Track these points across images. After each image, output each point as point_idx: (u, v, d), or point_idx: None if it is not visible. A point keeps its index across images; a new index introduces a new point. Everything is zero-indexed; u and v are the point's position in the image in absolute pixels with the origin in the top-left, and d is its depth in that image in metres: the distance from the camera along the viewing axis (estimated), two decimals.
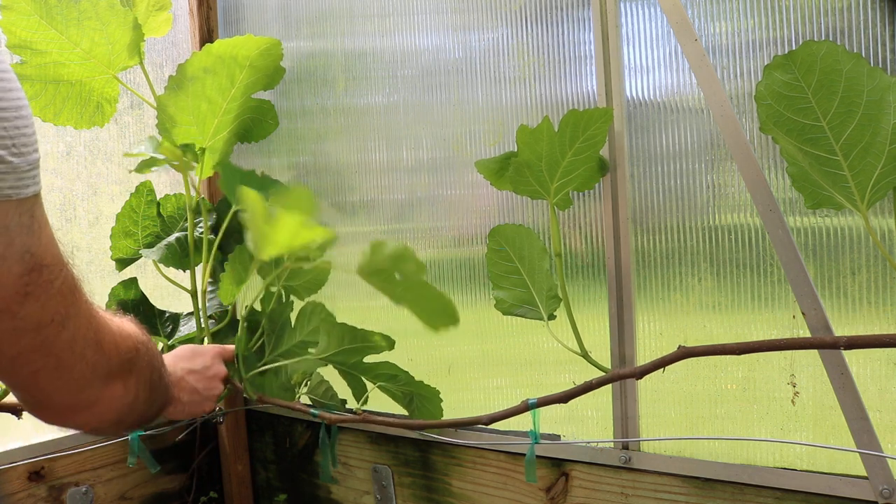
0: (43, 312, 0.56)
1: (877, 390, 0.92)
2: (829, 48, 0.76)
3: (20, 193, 0.51)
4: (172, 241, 1.38)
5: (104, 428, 0.71)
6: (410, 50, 1.35)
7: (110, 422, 0.70)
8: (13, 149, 0.50)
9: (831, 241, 0.94)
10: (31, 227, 0.53)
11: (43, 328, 0.57)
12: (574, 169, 1.02)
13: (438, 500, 1.36)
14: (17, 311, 0.54)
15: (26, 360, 0.58)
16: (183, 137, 1.28)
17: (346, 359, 1.26)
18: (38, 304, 0.55)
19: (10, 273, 0.52)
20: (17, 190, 0.51)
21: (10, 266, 0.52)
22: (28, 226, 0.53)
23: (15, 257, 0.52)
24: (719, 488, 1.03)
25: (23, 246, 0.52)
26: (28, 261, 0.53)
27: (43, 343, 0.57)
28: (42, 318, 0.56)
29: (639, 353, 1.10)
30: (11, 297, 0.53)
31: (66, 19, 1.17)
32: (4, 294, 0.53)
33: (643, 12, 1.06)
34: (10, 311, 0.54)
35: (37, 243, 0.54)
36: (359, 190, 1.45)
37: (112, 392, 0.67)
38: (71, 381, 0.62)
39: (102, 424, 0.70)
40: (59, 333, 0.58)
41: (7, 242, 0.51)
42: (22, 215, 0.52)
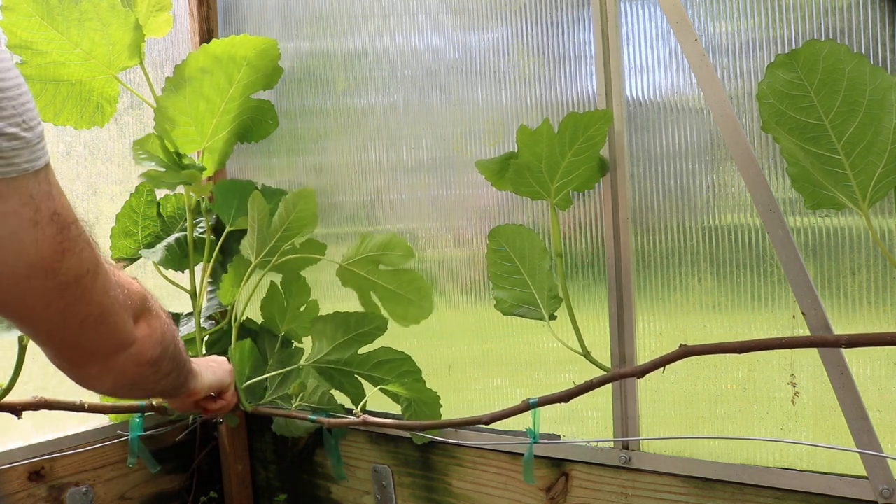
0: (79, 265, 0.61)
1: (877, 390, 0.92)
2: (831, 47, 0.76)
3: (35, 165, 0.55)
4: (172, 242, 1.37)
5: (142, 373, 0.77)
6: (410, 50, 1.35)
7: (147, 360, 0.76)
8: (24, 125, 0.53)
9: (831, 241, 0.94)
10: (50, 192, 0.57)
11: (81, 279, 0.62)
12: (574, 169, 1.02)
13: (438, 500, 1.36)
14: (59, 267, 0.59)
15: (73, 313, 0.63)
16: (182, 138, 1.28)
17: (341, 355, 1.26)
18: (74, 259, 0.60)
19: (45, 235, 0.57)
20: (32, 163, 0.54)
21: (43, 229, 0.57)
22: (48, 191, 0.57)
23: (46, 220, 0.57)
24: (719, 488, 1.03)
25: (49, 209, 0.57)
26: (57, 221, 0.58)
27: (84, 292, 0.63)
28: (79, 270, 0.62)
29: (639, 353, 1.10)
30: (52, 256, 0.58)
31: (67, 20, 1.17)
32: (46, 255, 0.58)
33: (643, 12, 1.06)
34: (53, 269, 0.59)
35: (59, 205, 0.58)
36: (359, 190, 1.45)
37: (142, 331, 0.74)
38: (114, 323, 0.68)
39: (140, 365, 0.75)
40: (95, 281, 0.64)
41: (35, 209, 0.56)
42: (41, 183, 0.56)
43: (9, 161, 0.52)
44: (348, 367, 1.28)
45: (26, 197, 0.55)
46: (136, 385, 0.79)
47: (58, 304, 0.62)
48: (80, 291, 0.63)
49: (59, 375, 0.73)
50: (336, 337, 1.25)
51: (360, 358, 1.26)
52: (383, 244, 1.22)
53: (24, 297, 0.60)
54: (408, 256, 1.22)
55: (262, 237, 1.25)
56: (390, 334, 1.27)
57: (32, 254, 0.57)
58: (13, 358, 1.14)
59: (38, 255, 0.57)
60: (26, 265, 0.57)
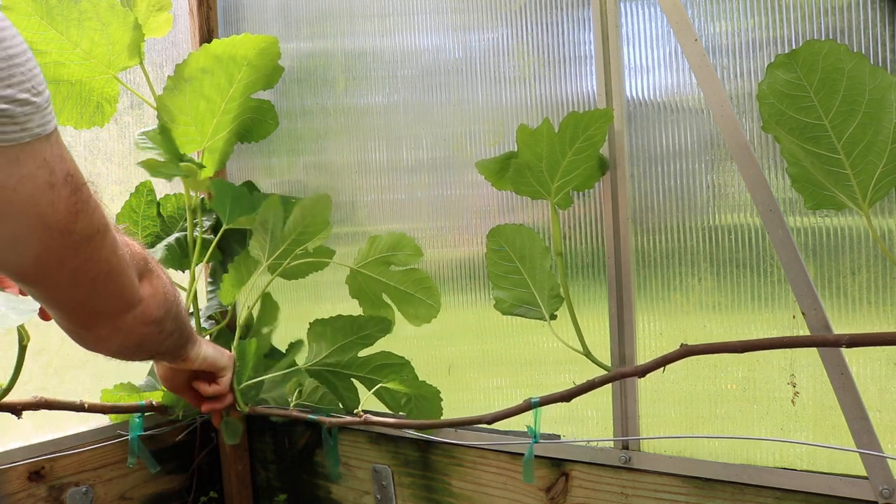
0: (91, 224, 0.63)
1: (877, 390, 0.92)
2: (831, 47, 0.76)
3: (46, 129, 0.56)
4: (172, 242, 1.37)
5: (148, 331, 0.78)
6: (410, 50, 1.35)
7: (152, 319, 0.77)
8: (33, 90, 0.54)
9: (831, 241, 0.94)
10: (62, 155, 0.59)
11: (92, 238, 0.64)
12: (574, 168, 1.02)
13: (438, 500, 1.36)
14: (74, 228, 0.61)
15: (84, 271, 0.65)
16: (182, 138, 1.28)
17: (341, 358, 1.26)
18: (87, 219, 0.62)
19: (61, 197, 0.59)
20: (43, 127, 0.56)
21: (59, 191, 0.58)
22: (60, 154, 0.59)
23: (60, 182, 0.58)
24: (719, 488, 1.03)
25: (62, 171, 0.59)
26: (71, 182, 0.60)
27: (95, 251, 0.65)
28: (91, 230, 0.63)
29: (639, 353, 1.10)
30: (67, 217, 0.60)
31: (67, 20, 1.17)
32: (62, 216, 0.59)
33: (643, 12, 1.06)
34: (68, 229, 0.61)
35: (71, 167, 0.60)
36: (359, 190, 1.45)
37: (146, 290, 0.76)
38: (122, 281, 0.70)
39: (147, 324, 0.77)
40: (104, 239, 0.66)
41: (50, 171, 0.57)
42: (52, 146, 0.58)
43: (23, 126, 0.54)
44: (346, 370, 1.28)
45: (41, 160, 0.56)
46: (141, 346, 0.81)
47: (72, 262, 0.64)
48: (92, 250, 0.65)
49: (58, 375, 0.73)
50: (336, 339, 1.25)
51: (360, 361, 1.26)
52: (393, 244, 1.23)
53: (39, 258, 0.61)
54: (417, 255, 1.23)
55: (274, 240, 1.25)
56: (389, 335, 1.27)
57: (49, 215, 0.58)
58: (13, 358, 1.14)
59: (55, 216, 0.59)
60: (43, 226, 0.59)
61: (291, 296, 1.56)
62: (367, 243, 1.26)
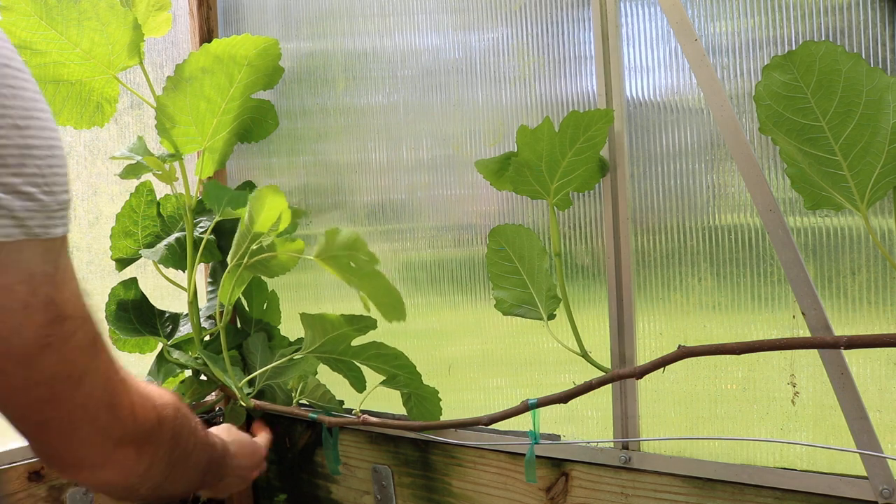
0: (59, 366, 0.55)
1: (877, 390, 0.92)
2: (827, 48, 0.76)
3: (48, 233, 0.51)
4: (172, 242, 1.37)
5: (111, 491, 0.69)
6: (410, 50, 1.35)
7: (118, 487, 0.68)
8: (44, 187, 0.50)
9: (831, 241, 0.93)
10: (54, 277, 0.52)
11: (57, 381, 0.55)
12: (574, 169, 1.02)
13: (438, 500, 1.36)
14: (34, 362, 0.53)
15: (37, 411, 0.57)
16: (182, 138, 1.28)
17: (335, 346, 1.26)
18: (55, 357, 0.54)
19: (32, 322, 0.51)
20: (45, 229, 0.50)
21: (32, 314, 0.51)
22: (52, 275, 0.52)
23: (38, 306, 0.51)
24: (719, 488, 1.03)
25: (46, 296, 0.52)
26: (51, 311, 0.52)
27: (55, 396, 0.56)
28: (58, 372, 0.55)
29: (639, 353, 1.10)
30: (30, 346, 0.52)
31: (66, 20, 1.17)
32: (24, 343, 0.52)
33: (643, 12, 1.06)
34: (27, 361, 0.53)
35: (60, 294, 0.53)
36: (359, 190, 1.45)
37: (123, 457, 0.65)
38: (78, 439, 0.61)
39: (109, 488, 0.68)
40: (74, 390, 0.57)
41: (31, 291, 0.51)
42: (47, 263, 0.52)
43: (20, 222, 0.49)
44: (344, 357, 1.27)
45: (25, 275, 0.50)
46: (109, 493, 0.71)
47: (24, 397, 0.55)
48: (51, 394, 0.56)
49: None
50: (327, 330, 1.25)
51: (354, 349, 1.26)
52: (348, 244, 1.16)
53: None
54: (373, 262, 1.16)
55: (238, 239, 1.23)
56: (390, 332, 1.27)
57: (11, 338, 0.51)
58: None
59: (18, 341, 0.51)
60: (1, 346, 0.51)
61: (292, 296, 1.56)
62: (324, 237, 1.17)
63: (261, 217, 1.16)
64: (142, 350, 1.43)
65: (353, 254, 1.13)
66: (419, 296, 1.36)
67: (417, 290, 1.37)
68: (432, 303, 1.35)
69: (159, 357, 1.43)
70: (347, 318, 1.22)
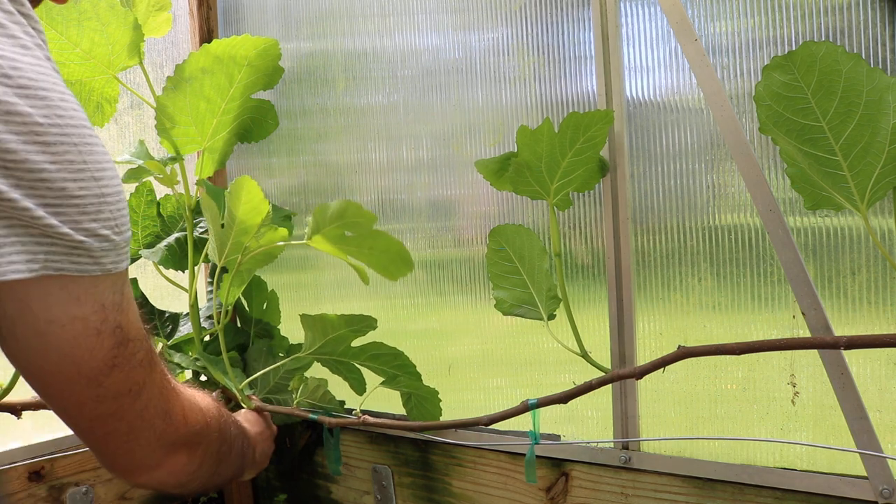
0: (124, 383, 0.62)
1: (877, 390, 0.92)
2: (828, 48, 0.76)
3: (118, 267, 0.58)
4: (172, 242, 1.37)
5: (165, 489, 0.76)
6: (410, 50, 1.35)
7: (171, 485, 0.75)
8: (115, 228, 0.56)
9: (831, 241, 0.94)
10: (121, 304, 0.59)
11: (121, 396, 0.63)
12: (574, 170, 1.02)
13: (438, 500, 1.36)
14: (104, 380, 0.60)
15: (102, 424, 0.64)
16: (182, 138, 1.28)
17: (335, 348, 1.26)
18: (122, 375, 0.61)
19: (102, 346, 0.58)
20: (116, 264, 0.58)
21: (103, 340, 0.58)
22: (119, 303, 0.59)
23: (108, 332, 0.58)
24: (719, 488, 1.03)
25: (115, 322, 0.59)
26: (118, 335, 0.59)
27: (119, 409, 0.63)
28: (122, 388, 0.62)
29: (639, 353, 1.10)
30: (101, 368, 0.59)
31: (66, 20, 1.17)
32: (95, 365, 0.59)
33: (643, 12, 1.06)
34: (97, 380, 0.60)
35: (126, 319, 0.60)
36: (359, 190, 1.45)
37: (176, 460, 0.73)
38: (137, 445, 0.68)
39: (163, 486, 0.75)
40: (134, 402, 0.64)
41: (103, 318, 0.58)
42: (115, 293, 0.58)
43: (96, 260, 0.55)
44: (343, 358, 1.27)
45: (98, 305, 0.57)
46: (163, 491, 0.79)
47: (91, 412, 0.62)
48: (116, 407, 0.63)
49: None
50: (327, 332, 1.25)
51: (354, 350, 1.26)
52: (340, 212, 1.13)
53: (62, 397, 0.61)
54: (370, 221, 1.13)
55: (219, 239, 1.21)
56: (389, 333, 1.27)
57: (85, 361, 0.58)
58: None
59: (90, 363, 0.58)
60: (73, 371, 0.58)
61: (292, 296, 1.56)
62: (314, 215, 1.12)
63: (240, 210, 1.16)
64: None
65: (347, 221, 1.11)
66: (419, 296, 1.36)
67: (417, 290, 1.37)
68: (432, 303, 1.35)
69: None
70: (347, 319, 1.22)
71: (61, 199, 0.52)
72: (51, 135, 0.51)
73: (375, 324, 1.22)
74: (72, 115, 0.53)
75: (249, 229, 1.17)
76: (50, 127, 0.51)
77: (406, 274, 1.14)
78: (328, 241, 1.14)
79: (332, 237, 1.13)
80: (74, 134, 0.53)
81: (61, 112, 0.52)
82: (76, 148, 0.53)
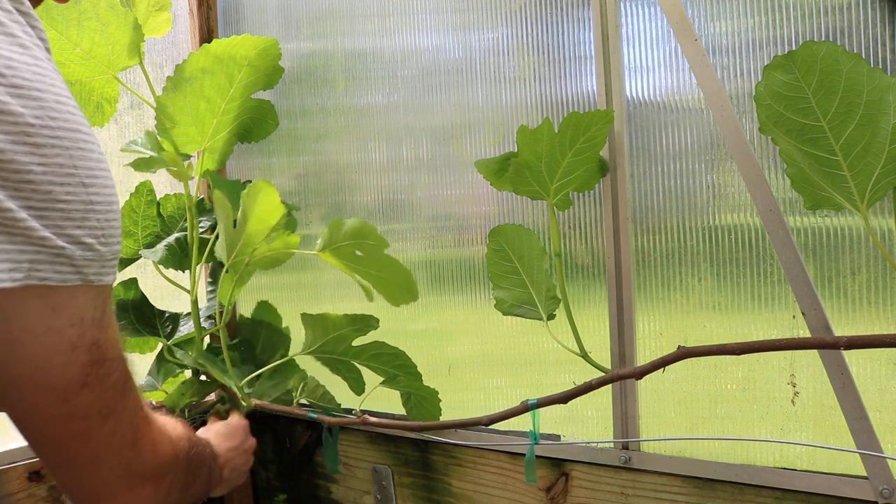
0: (94, 403, 0.59)
1: (877, 390, 0.92)
2: (828, 48, 0.76)
3: (101, 280, 0.56)
4: (172, 242, 1.37)
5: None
6: (410, 50, 1.35)
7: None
8: (102, 239, 0.55)
9: (831, 241, 0.93)
10: (101, 321, 0.57)
11: (90, 417, 0.59)
12: (574, 170, 1.02)
13: (438, 500, 1.36)
14: (73, 398, 0.57)
15: (68, 445, 0.60)
16: (182, 138, 1.28)
17: (336, 347, 1.26)
18: (93, 395, 0.58)
19: (76, 362, 0.56)
20: (99, 276, 0.55)
21: (78, 355, 0.56)
22: (98, 319, 0.57)
23: (84, 347, 0.56)
24: (719, 488, 1.03)
25: (92, 338, 0.56)
26: (94, 352, 0.57)
27: (86, 430, 0.60)
28: (91, 408, 0.59)
29: (639, 353, 1.10)
30: (71, 384, 0.56)
31: (66, 20, 1.17)
32: (67, 380, 0.56)
33: (643, 12, 1.06)
34: (66, 398, 0.57)
35: (104, 336, 0.57)
36: (359, 190, 1.45)
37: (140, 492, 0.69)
38: (102, 473, 0.64)
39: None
40: (103, 425, 0.61)
41: (80, 333, 0.55)
42: (96, 308, 0.56)
43: (79, 269, 0.53)
44: (344, 357, 1.27)
45: (76, 318, 0.55)
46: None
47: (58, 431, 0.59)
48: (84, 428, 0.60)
49: None
50: (328, 331, 1.25)
51: (355, 350, 1.26)
52: (355, 232, 1.16)
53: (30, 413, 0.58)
54: (382, 245, 1.16)
55: (230, 238, 1.22)
56: (390, 332, 1.27)
57: (55, 376, 0.55)
58: None
59: (61, 378, 0.56)
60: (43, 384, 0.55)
61: (292, 296, 1.56)
62: (328, 229, 1.19)
63: (254, 212, 1.16)
64: (142, 350, 1.43)
65: (361, 241, 1.12)
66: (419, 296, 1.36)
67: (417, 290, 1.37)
68: (432, 303, 1.35)
69: (159, 357, 1.43)
70: (349, 318, 1.22)
71: (46, 203, 0.51)
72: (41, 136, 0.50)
73: (377, 324, 1.22)
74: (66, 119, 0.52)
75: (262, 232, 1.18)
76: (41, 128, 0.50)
77: (409, 303, 1.17)
78: (340, 256, 1.16)
79: (344, 254, 1.15)
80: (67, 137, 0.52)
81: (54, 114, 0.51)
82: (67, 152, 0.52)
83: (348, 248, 1.15)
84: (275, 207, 1.16)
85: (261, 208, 1.15)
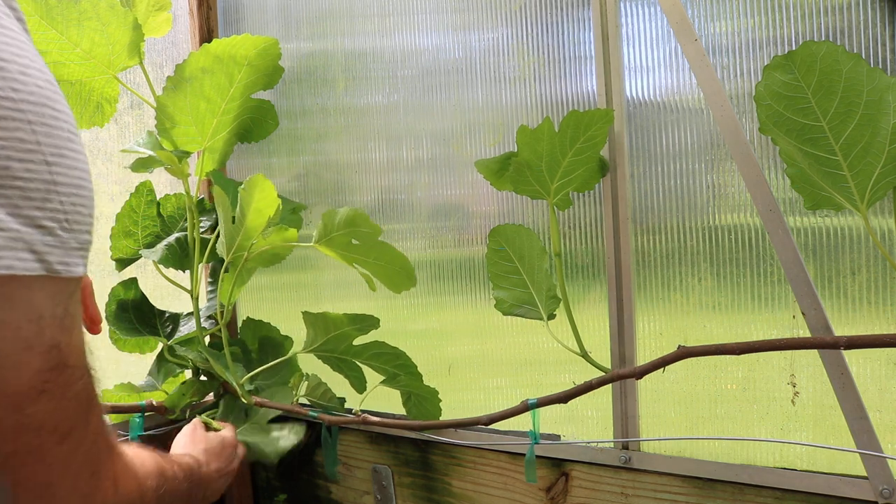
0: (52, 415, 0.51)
1: (877, 390, 0.92)
2: (828, 48, 0.76)
3: (68, 271, 0.50)
4: (172, 242, 1.37)
5: None
6: (410, 50, 1.35)
7: None
8: (64, 224, 0.49)
9: (831, 241, 0.93)
10: (63, 321, 0.51)
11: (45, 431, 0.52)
12: (574, 169, 1.02)
13: (438, 500, 1.36)
14: (28, 406, 0.50)
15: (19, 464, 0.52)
16: (182, 138, 1.28)
17: (337, 346, 1.26)
18: (50, 405, 0.51)
19: (32, 365, 0.49)
20: (65, 266, 0.49)
21: (34, 357, 0.49)
22: (61, 318, 0.50)
23: (42, 349, 0.49)
24: (719, 488, 1.03)
25: (52, 339, 0.50)
26: (54, 356, 0.50)
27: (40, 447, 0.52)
28: (48, 421, 0.51)
29: (639, 353, 1.10)
30: (26, 390, 0.49)
31: (66, 19, 1.17)
32: (21, 385, 0.49)
33: (643, 12, 1.06)
34: (19, 405, 0.49)
35: (67, 340, 0.51)
36: (359, 190, 1.45)
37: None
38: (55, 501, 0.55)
39: None
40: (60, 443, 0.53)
41: (38, 331, 0.49)
42: (57, 306, 0.50)
43: (40, 257, 0.47)
44: (345, 356, 1.28)
45: (34, 314, 0.48)
46: None
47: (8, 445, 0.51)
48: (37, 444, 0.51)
49: None
50: (329, 329, 1.25)
51: (356, 349, 1.26)
52: (349, 220, 1.16)
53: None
54: (376, 232, 1.16)
55: (229, 234, 1.21)
56: (390, 332, 1.27)
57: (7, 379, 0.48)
58: None
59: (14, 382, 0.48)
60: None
61: (292, 296, 1.56)
62: (323, 220, 1.19)
63: (252, 206, 1.16)
64: (142, 350, 1.43)
65: (354, 230, 1.13)
66: (419, 296, 1.36)
67: (417, 290, 1.36)
68: (432, 303, 1.35)
69: (159, 357, 1.43)
70: (350, 318, 1.23)
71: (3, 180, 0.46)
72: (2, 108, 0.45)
73: (378, 323, 1.22)
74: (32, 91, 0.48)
75: (260, 225, 1.18)
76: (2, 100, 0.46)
77: (409, 288, 1.17)
78: (336, 246, 1.15)
79: (340, 244, 1.15)
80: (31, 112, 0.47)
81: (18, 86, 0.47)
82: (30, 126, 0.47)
83: (343, 238, 1.15)
84: (272, 200, 1.16)
85: (259, 201, 1.15)
